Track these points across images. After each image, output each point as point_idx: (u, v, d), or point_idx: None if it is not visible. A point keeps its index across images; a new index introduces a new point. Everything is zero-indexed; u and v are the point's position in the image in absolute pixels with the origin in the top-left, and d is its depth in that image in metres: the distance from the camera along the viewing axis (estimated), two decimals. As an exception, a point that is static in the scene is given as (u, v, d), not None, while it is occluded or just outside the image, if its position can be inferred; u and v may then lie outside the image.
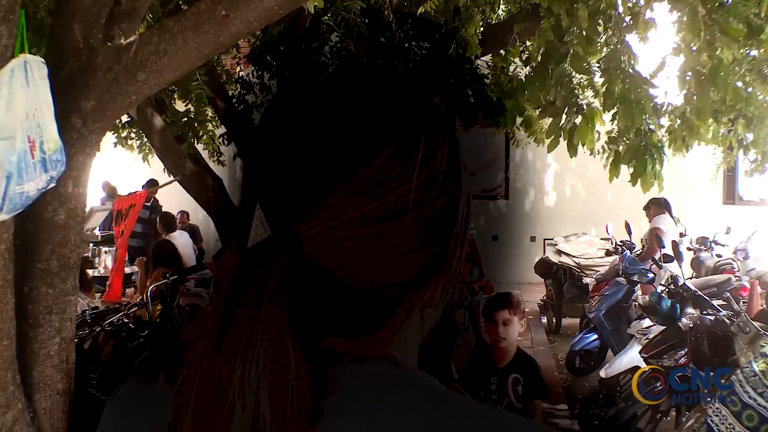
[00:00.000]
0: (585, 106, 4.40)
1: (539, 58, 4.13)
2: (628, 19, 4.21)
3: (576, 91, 4.41)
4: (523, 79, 5.35)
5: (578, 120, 4.33)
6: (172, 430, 0.49)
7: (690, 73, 3.95)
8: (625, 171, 4.38)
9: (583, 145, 4.45)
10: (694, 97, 4.21)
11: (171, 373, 0.54)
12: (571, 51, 3.95)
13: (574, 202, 10.25)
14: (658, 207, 6.05)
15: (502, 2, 5.58)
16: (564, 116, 4.32)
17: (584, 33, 3.86)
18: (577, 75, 4.26)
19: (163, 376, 0.56)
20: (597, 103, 4.64)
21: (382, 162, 0.53)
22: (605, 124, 4.62)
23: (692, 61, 3.86)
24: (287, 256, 0.51)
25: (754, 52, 4.45)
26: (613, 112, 4.16)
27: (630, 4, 4.28)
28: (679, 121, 4.49)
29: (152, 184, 7.80)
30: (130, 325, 3.93)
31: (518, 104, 5.51)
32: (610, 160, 4.69)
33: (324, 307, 0.54)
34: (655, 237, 5.62)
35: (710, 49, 3.71)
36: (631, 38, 4.46)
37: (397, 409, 0.50)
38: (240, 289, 0.50)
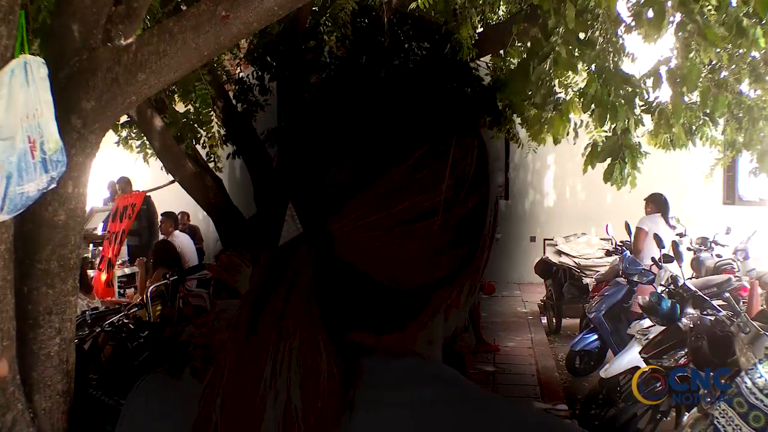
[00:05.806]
0: (561, 102, 4.55)
1: (524, 55, 4.21)
2: (630, 19, 4.21)
3: (554, 89, 4.52)
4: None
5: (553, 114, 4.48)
6: (199, 424, 0.50)
7: (662, 72, 4.01)
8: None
9: (556, 138, 4.65)
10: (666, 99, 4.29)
11: (195, 366, 0.55)
12: (553, 53, 3.96)
13: (574, 202, 10.24)
14: (653, 205, 6.09)
15: (502, 3, 5.56)
16: (544, 110, 4.46)
17: (570, 33, 3.90)
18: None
19: (188, 369, 0.57)
20: (575, 98, 4.84)
21: (413, 163, 0.53)
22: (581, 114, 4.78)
23: (664, 61, 3.99)
24: (318, 252, 0.52)
25: (754, 53, 4.45)
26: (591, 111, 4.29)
27: (631, 3, 4.28)
28: (661, 121, 4.56)
29: (125, 182, 8.19)
30: (130, 325, 3.93)
31: (505, 98, 5.57)
32: (587, 153, 4.83)
33: (353, 304, 0.54)
34: (636, 235, 5.92)
35: (687, 50, 3.75)
36: (632, 37, 4.47)
37: (440, 401, 0.51)
38: (270, 284, 0.52)
